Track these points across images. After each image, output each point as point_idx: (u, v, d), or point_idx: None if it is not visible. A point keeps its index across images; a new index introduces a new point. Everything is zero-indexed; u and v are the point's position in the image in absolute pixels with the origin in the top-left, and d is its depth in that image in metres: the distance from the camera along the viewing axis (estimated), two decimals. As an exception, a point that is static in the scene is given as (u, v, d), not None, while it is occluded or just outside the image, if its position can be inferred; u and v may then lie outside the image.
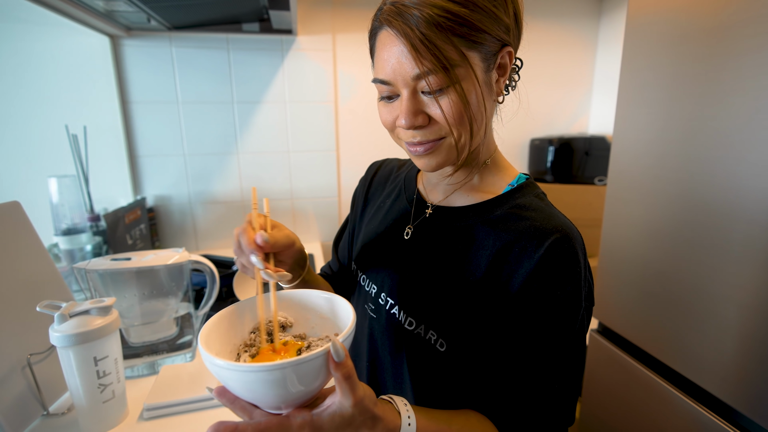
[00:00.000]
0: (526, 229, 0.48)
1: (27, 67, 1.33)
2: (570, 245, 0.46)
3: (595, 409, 1.09)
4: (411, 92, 0.46)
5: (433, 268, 0.53)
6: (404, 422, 0.42)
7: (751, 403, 0.70)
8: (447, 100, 0.45)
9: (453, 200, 0.57)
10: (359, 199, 0.74)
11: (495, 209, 0.53)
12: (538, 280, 0.46)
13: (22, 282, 0.74)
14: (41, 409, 0.71)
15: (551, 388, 0.48)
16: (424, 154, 0.50)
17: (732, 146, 0.72)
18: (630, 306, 0.96)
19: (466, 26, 0.44)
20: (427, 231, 0.56)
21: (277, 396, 0.36)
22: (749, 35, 0.68)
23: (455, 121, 0.46)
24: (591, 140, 1.73)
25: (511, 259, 0.48)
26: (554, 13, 1.82)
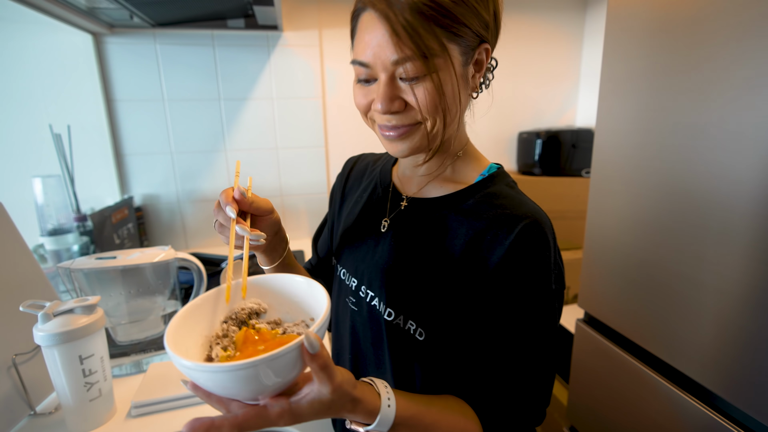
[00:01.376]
0: (497, 216, 0.49)
1: (8, 66, 1.31)
2: (539, 230, 0.48)
3: (583, 396, 1.11)
4: (389, 77, 0.47)
5: (410, 259, 0.54)
6: (384, 403, 0.42)
7: (728, 387, 0.72)
8: (423, 89, 0.46)
9: (427, 191, 0.58)
10: (337, 194, 0.74)
11: (467, 198, 0.54)
12: (509, 264, 0.48)
13: (6, 283, 0.74)
14: (28, 408, 0.71)
15: (527, 370, 0.50)
16: (396, 138, 0.51)
17: (709, 136, 0.73)
18: (615, 296, 0.97)
19: (449, 18, 0.44)
20: (402, 223, 0.57)
21: (252, 390, 0.36)
22: (725, 26, 0.69)
23: (429, 110, 0.47)
24: (578, 133, 1.75)
25: (483, 246, 0.49)
26: (541, 7, 1.83)
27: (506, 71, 1.84)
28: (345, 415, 0.40)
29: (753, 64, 0.65)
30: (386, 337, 0.55)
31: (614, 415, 0.99)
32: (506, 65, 1.83)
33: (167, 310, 0.88)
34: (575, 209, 1.75)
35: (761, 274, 0.65)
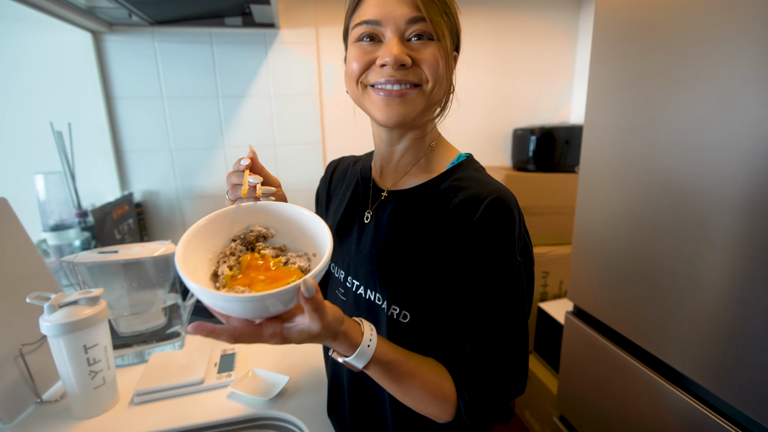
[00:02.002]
0: (464, 198, 0.53)
1: (9, 64, 1.33)
2: (503, 205, 0.51)
3: (572, 387, 1.14)
4: (400, 35, 0.51)
5: (390, 247, 0.57)
6: (365, 342, 0.47)
7: (709, 376, 0.75)
8: (431, 50, 0.51)
9: (404, 183, 0.61)
10: (322, 196, 0.77)
11: (439, 185, 0.57)
12: (476, 239, 0.51)
13: (12, 276, 0.76)
14: (35, 396, 0.74)
15: (499, 340, 0.52)
16: (396, 96, 0.52)
17: (694, 133, 0.75)
18: (603, 289, 1.00)
19: (447, 15, 0.53)
20: (384, 214, 0.60)
21: (250, 316, 0.41)
22: (709, 25, 0.71)
23: (433, 69, 0.51)
24: (572, 129, 1.77)
25: (454, 226, 0.52)
26: (535, 4, 1.84)
27: (501, 68, 1.86)
28: (329, 343, 0.46)
29: (733, 64, 0.68)
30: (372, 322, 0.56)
31: (602, 404, 1.02)
32: (501, 62, 1.85)
33: (167, 303, 0.90)
34: (569, 205, 1.77)
35: (742, 268, 0.68)
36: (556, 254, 1.76)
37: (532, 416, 1.77)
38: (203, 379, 0.77)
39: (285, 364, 0.86)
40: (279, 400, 0.74)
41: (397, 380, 0.50)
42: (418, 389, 0.50)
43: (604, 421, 1.02)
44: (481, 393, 0.52)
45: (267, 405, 0.73)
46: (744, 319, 0.68)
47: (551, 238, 1.82)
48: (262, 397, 0.73)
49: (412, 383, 0.50)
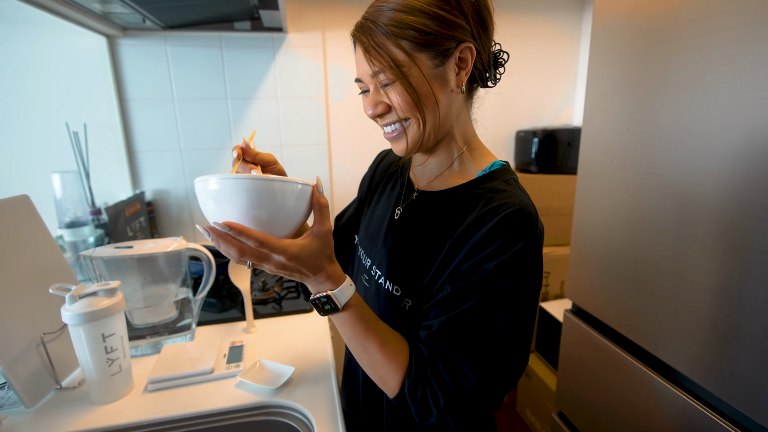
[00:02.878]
0: (487, 207, 0.53)
1: (28, 67, 1.39)
2: (520, 217, 0.50)
3: (570, 384, 1.16)
4: (374, 87, 0.57)
5: (414, 244, 0.60)
6: (347, 282, 0.53)
7: (700, 371, 0.77)
8: (395, 91, 0.54)
9: (435, 185, 0.63)
10: (365, 183, 0.83)
11: (466, 192, 0.58)
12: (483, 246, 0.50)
13: (33, 269, 0.81)
14: (54, 383, 0.78)
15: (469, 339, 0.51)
16: (394, 139, 0.59)
17: (687, 136, 0.78)
18: (600, 288, 1.03)
19: (414, 30, 0.51)
20: (412, 212, 0.64)
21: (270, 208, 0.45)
22: (701, 33, 0.74)
23: (404, 107, 0.54)
24: (574, 131, 1.80)
25: (473, 233, 0.52)
26: (539, 8, 1.87)
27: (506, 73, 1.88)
28: (321, 269, 0.51)
29: (725, 69, 0.70)
30: (390, 311, 0.61)
31: (599, 400, 1.05)
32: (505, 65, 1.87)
33: (179, 297, 0.94)
34: (570, 206, 1.79)
35: (732, 266, 0.70)
36: (558, 255, 1.79)
37: (532, 414, 1.79)
38: (213, 368, 0.81)
39: (291, 356, 0.89)
40: (285, 390, 0.77)
41: (363, 332, 0.54)
42: (377, 349, 0.54)
43: (600, 416, 1.05)
44: (426, 377, 0.52)
45: (273, 394, 0.76)
46: (735, 316, 0.70)
47: (553, 238, 1.84)
48: (269, 386, 0.77)
49: (374, 341, 0.54)
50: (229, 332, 1.01)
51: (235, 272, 0.98)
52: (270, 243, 0.46)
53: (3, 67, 1.35)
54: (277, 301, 1.16)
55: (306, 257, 0.48)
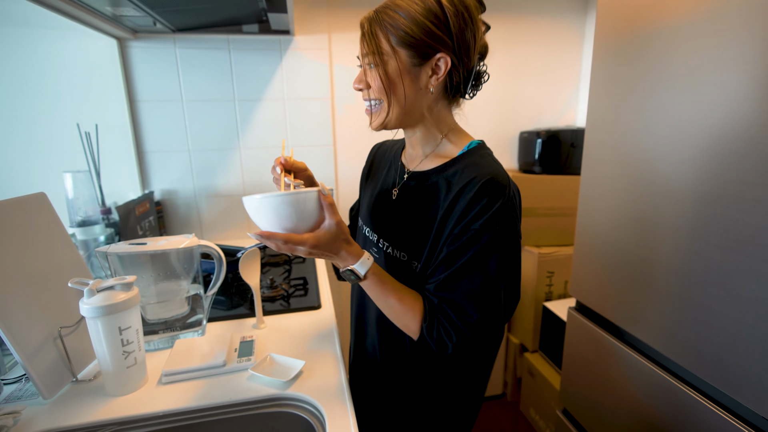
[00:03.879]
0: (467, 178, 0.66)
1: (40, 69, 1.41)
2: (494, 184, 0.63)
3: (574, 381, 1.18)
4: (364, 66, 0.70)
5: (411, 216, 0.74)
6: (365, 256, 0.66)
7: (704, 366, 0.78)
8: (374, 73, 0.67)
9: (424, 166, 0.76)
10: (364, 174, 0.95)
11: (450, 168, 0.71)
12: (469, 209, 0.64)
13: (50, 265, 0.83)
14: (71, 375, 0.80)
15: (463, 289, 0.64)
16: (369, 114, 0.73)
17: (686, 136, 0.79)
18: (604, 285, 1.04)
19: (402, 31, 0.64)
20: (407, 191, 0.77)
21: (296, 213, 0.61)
22: (699, 35, 0.75)
23: (376, 89, 0.68)
24: (577, 132, 1.81)
25: (458, 201, 0.66)
26: (543, 10, 1.89)
27: (508, 72, 1.91)
28: (339, 250, 0.64)
29: (718, 70, 0.72)
30: (398, 273, 0.73)
31: (602, 395, 1.06)
32: (508, 66, 1.90)
33: (190, 293, 0.96)
34: (573, 206, 1.80)
35: (737, 264, 0.72)
36: (562, 254, 1.80)
37: (537, 413, 1.80)
38: (225, 362, 0.83)
39: (300, 350, 0.91)
40: (295, 383, 0.79)
41: (384, 293, 0.68)
42: (398, 302, 0.68)
43: (604, 412, 1.06)
44: (439, 320, 0.66)
45: (284, 386, 0.78)
46: (738, 312, 0.71)
47: (557, 238, 1.85)
48: (280, 379, 0.78)
49: (393, 296, 0.68)
50: (239, 328, 1.02)
51: (245, 269, 1.00)
52: (292, 239, 0.61)
53: (17, 69, 1.38)
54: (285, 298, 1.18)
55: (324, 244, 0.63)
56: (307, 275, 1.34)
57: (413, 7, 0.63)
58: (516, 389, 2.02)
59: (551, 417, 1.66)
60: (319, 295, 1.20)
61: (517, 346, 1.95)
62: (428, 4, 0.63)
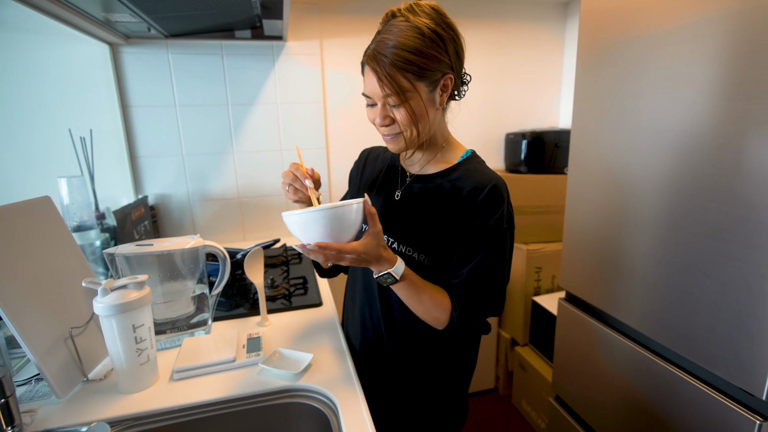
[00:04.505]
0: (473, 183, 0.76)
1: (31, 74, 1.40)
2: (498, 191, 0.75)
3: (566, 369, 1.24)
4: (382, 105, 0.73)
5: (418, 214, 0.80)
6: (399, 261, 0.72)
7: (686, 346, 0.85)
8: (400, 112, 0.72)
9: (426, 170, 0.84)
10: (356, 174, 0.99)
11: (453, 173, 0.80)
12: (479, 212, 0.74)
13: (57, 267, 0.84)
14: (82, 375, 0.81)
15: (488, 278, 0.76)
16: (390, 141, 0.78)
17: (664, 134, 0.86)
18: (592, 276, 1.10)
19: (416, 66, 0.69)
20: (410, 192, 0.83)
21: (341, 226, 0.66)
22: (672, 43, 0.82)
23: (406, 124, 0.73)
24: (560, 133, 1.89)
25: (464, 202, 0.75)
26: (525, 17, 1.97)
27: (494, 77, 1.98)
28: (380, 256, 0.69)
29: (695, 74, 0.79)
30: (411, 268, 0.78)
31: (593, 381, 1.12)
32: (493, 71, 1.97)
33: (196, 293, 0.98)
34: (559, 204, 1.88)
35: (714, 250, 0.78)
36: (549, 251, 1.87)
37: (528, 405, 1.86)
38: (235, 357, 0.85)
39: (306, 345, 0.94)
40: (305, 375, 0.82)
41: (416, 292, 0.74)
42: (429, 298, 0.75)
43: (595, 395, 1.12)
44: (467, 308, 0.75)
45: (295, 378, 0.81)
46: (713, 294, 0.78)
47: (543, 235, 1.93)
48: (291, 371, 0.81)
49: (425, 294, 0.75)
50: (244, 326, 1.04)
51: (250, 268, 1.02)
52: (344, 249, 0.66)
53: (7, 74, 1.37)
54: (286, 297, 1.21)
55: (369, 251, 0.68)
56: (306, 275, 1.37)
57: (417, 42, 0.68)
58: (508, 383, 2.08)
59: (543, 407, 1.72)
60: (320, 293, 1.22)
61: (508, 340, 2.01)
62: (427, 34, 0.68)
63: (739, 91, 0.72)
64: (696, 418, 0.82)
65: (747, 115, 0.71)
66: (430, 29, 0.69)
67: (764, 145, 0.68)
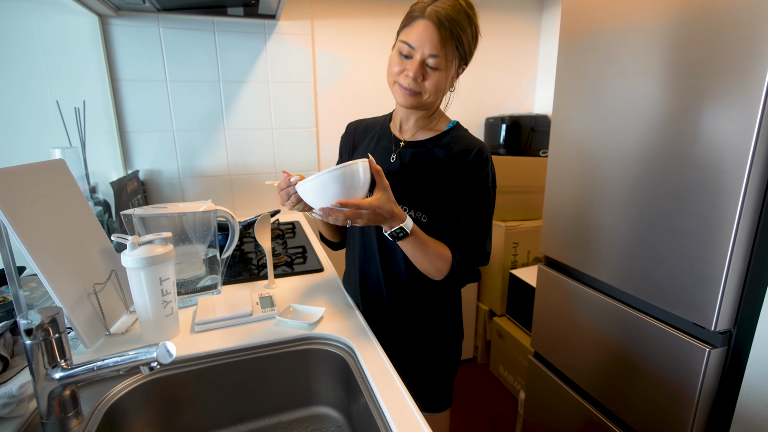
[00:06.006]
0: (462, 146, 0.88)
1: (16, 44, 1.37)
2: (483, 153, 0.87)
3: (544, 325, 1.37)
4: (422, 60, 0.80)
5: (413, 176, 0.89)
6: (408, 218, 0.79)
7: (650, 292, 0.98)
8: (435, 75, 0.81)
9: (417, 136, 0.93)
10: (347, 146, 1.05)
11: (443, 138, 0.90)
12: (469, 171, 0.86)
13: (76, 226, 0.86)
14: (104, 329, 0.84)
15: (478, 229, 0.87)
16: (409, 95, 0.84)
17: (635, 110, 0.98)
18: (568, 240, 1.23)
19: (464, 48, 0.81)
20: (404, 156, 0.91)
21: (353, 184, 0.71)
22: (642, 30, 0.94)
23: (433, 89, 0.82)
24: (536, 118, 2.02)
25: (457, 164, 0.86)
26: (502, 7, 2.08)
27: (475, 65, 2.07)
28: (393, 212, 0.75)
29: (669, 65, 0.91)
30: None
31: (569, 335, 1.25)
32: (475, 60, 2.06)
33: (208, 255, 1.03)
34: (535, 184, 2.02)
35: (674, 206, 0.91)
36: (525, 227, 2.01)
37: (505, 370, 2.00)
38: (252, 311, 0.91)
39: (314, 304, 1.01)
40: (319, 326, 0.89)
41: (422, 245, 0.82)
42: (433, 251, 0.83)
43: (570, 347, 1.25)
44: (465, 256, 0.86)
45: (310, 328, 0.88)
46: (673, 244, 0.91)
47: (520, 213, 2.06)
48: (306, 322, 0.88)
49: (429, 247, 0.83)
50: (252, 289, 1.10)
51: (259, 233, 1.07)
52: (362, 204, 0.71)
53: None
54: (288, 264, 1.26)
55: (383, 206, 0.74)
56: (304, 245, 1.43)
57: (467, 26, 0.80)
58: (486, 352, 2.22)
59: (520, 371, 1.87)
60: (320, 260, 1.29)
61: (487, 312, 2.15)
62: (473, 27, 0.81)
63: (689, 70, 0.85)
64: (659, 353, 0.96)
65: (695, 91, 0.84)
66: (475, 24, 0.83)
67: (709, 115, 0.81)
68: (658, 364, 0.97)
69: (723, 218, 0.80)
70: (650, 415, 1.00)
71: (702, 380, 0.87)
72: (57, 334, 0.59)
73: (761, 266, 0.80)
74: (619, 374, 1.08)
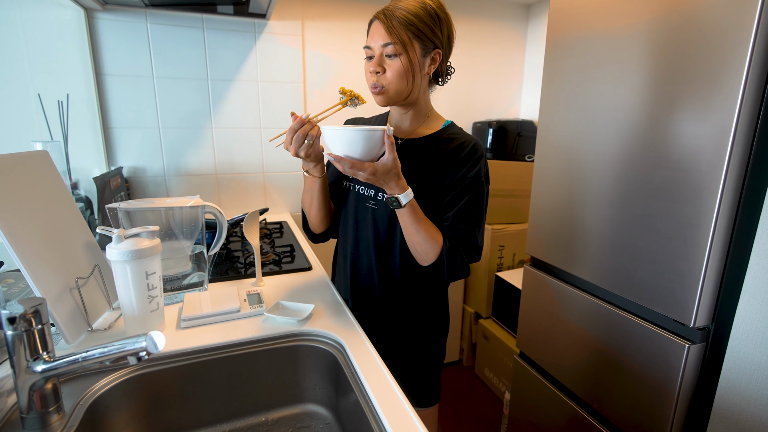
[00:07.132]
0: (457, 144, 0.91)
1: None
2: (477, 149, 0.91)
3: (530, 326, 1.39)
4: (379, 54, 0.85)
5: (410, 169, 0.90)
6: (409, 190, 0.82)
7: (632, 290, 1.01)
8: (395, 63, 0.84)
9: (414, 135, 0.97)
10: None
11: (439, 136, 0.94)
12: (464, 166, 0.89)
13: (58, 219, 0.84)
14: (86, 325, 0.82)
15: (472, 223, 0.89)
16: (377, 93, 0.88)
17: (618, 113, 1.01)
18: (553, 241, 1.25)
19: (416, 27, 0.83)
20: (402, 153, 0.93)
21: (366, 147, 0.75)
22: (626, 37, 0.97)
23: (395, 76, 0.85)
24: (522, 123, 2.07)
25: (451, 159, 0.90)
26: (491, 15, 2.12)
27: (463, 70, 2.11)
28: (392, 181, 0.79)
29: (650, 70, 0.94)
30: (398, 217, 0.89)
31: (554, 334, 1.27)
32: (463, 65, 2.10)
33: (195, 252, 1.01)
34: (520, 188, 2.06)
35: (656, 207, 0.94)
36: (511, 231, 2.04)
37: (490, 372, 2.02)
38: (239, 308, 0.90)
39: (303, 301, 1.00)
40: (309, 322, 0.89)
41: (417, 221, 0.84)
42: (425, 231, 0.85)
43: (555, 345, 1.27)
44: (455, 245, 0.87)
45: (299, 325, 0.87)
46: (654, 244, 0.94)
47: (506, 217, 2.09)
48: (294, 318, 0.88)
49: (423, 225, 0.85)
50: (239, 287, 1.08)
51: (248, 229, 1.06)
52: (358, 165, 0.76)
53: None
54: (276, 263, 1.25)
55: (380, 173, 0.78)
56: (292, 243, 1.42)
57: (420, 12, 0.83)
58: (471, 355, 2.24)
59: (505, 372, 1.88)
60: (308, 259, 1.28)
61: (472, 314, 2.17)
62: (428, 10, 0.84)
63: (669, 75, 0.88)
64: (641, 349, 0.99)
65: (675, 96, 0.87)
66: (432, 8, 0.86)
67: (688, 119, 0.85)
68: (639, 360, 0.99)
69: (702, 218, 0.83)
70: (632, 411, 1.03)
71: (682, 375, 0.90)
72: (39, 325, 0.57)
73: (738, 264, 0.83)
74: (602, 371, 1.11)
